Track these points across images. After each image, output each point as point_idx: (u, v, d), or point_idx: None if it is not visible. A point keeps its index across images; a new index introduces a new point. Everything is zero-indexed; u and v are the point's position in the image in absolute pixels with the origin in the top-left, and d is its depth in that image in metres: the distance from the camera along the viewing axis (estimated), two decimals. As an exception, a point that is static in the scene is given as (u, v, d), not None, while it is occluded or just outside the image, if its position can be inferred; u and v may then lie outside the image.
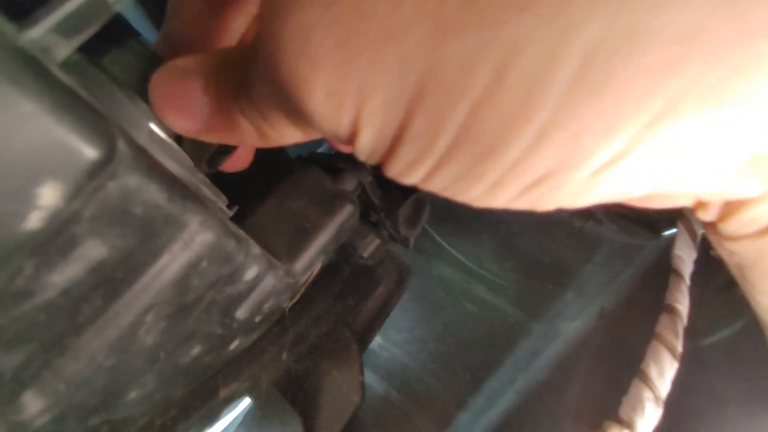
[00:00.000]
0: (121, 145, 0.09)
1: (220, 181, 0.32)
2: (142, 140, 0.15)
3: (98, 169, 0.09)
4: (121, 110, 0.14)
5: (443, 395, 0.34)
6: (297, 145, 0.39)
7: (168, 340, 0.15)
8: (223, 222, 0.15)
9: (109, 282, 0.11)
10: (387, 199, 0.28)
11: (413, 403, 0.34)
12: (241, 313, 0.20)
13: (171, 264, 0.13)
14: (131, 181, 0.10)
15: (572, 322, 0.32)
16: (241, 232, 0.18)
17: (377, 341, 0.39)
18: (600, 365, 0.26)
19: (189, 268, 0.14)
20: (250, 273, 0.19)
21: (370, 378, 0.37)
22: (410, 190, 0.29)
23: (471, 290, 0.39)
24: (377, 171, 0.31)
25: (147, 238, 0.12)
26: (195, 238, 0.13)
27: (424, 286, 0.41)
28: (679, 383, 0.19)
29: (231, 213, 0.25)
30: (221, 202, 0.23)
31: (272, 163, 0.29)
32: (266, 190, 0.27)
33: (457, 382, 0.35)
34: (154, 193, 0.11)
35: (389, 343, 0.38)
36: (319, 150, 0.42)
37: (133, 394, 0.15)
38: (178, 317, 0.15)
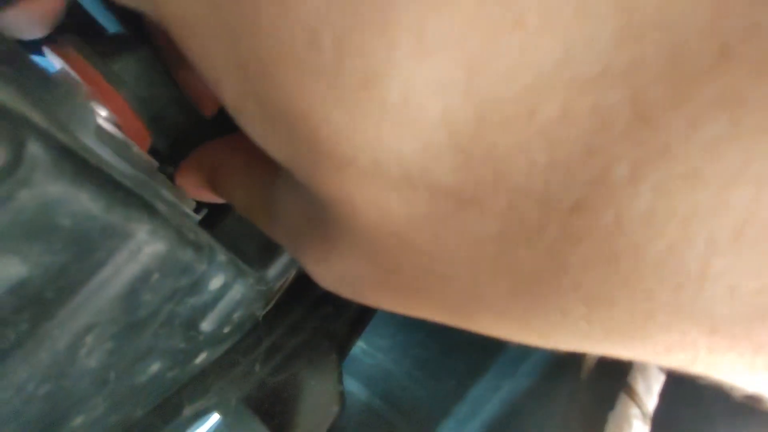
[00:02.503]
0: (34, 149, 0.08)
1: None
2: (88, 139, 0.14)
3: None
4: (62, 106, 0.13)
5: (427, 403, 0.34)
6: None
7: (118, 360, 0.14)
8: (178, 230, 0.14)
9: (37, 303, 0.10)
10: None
11: (396, 410, 0.34)
12: (207, 325, 0.18)
13: (113, 279, 0.11)
14: (52, 189, 0.09)
15: (559, 326, 0.31)
16: (204, 239, 0.16)
17: (360, 346, 0.38)
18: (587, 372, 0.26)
19: (137, 283, 0.12)
20: (216, 282, 0.18)
21: (353, 385, 0.36)
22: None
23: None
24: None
25: (81, 252, 0.10)
26: (143, 250, 0.12)
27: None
28: (665, 394, 0.19)
29: (199, 217, 0.23)
30: (187, 205, 0.22)
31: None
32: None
33: (441, 389, 0.34)
34: (85, 203, 0.10)
35: (372, 349, 0.37)
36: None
37: (78, 420, 0.13)
38: (128, 335, 0.13)
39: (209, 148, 0.15)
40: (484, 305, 0.08)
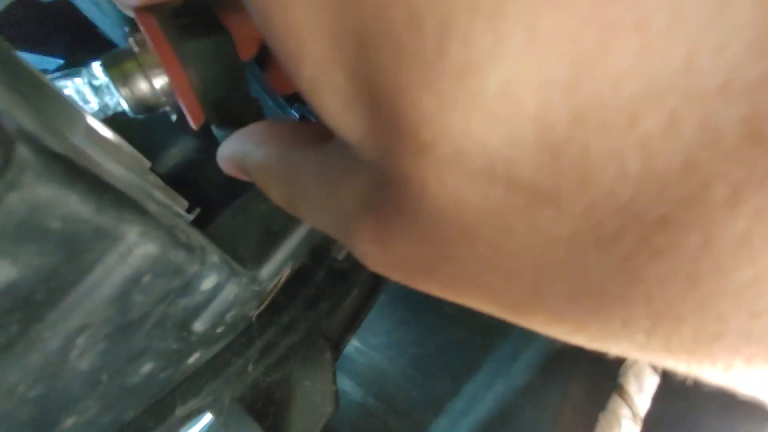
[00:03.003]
0: (23, 151, 0.08)
1: (184, 182, 0.31)
2: (77, 140, 0.14)
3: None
4: (53, 108, 0.13)
5: (421, 401, 0.34)
6: None
7: (110, 362, 0.14)
8: (170, 231, 0.14)
9: (27, 305, 0.10)
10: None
11: (391, 409, 0.34)
12: (199, 326, 0.18)
13: (105, 281, 0.11)
14: (41, 192, 0.09)
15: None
16: (196, 240, 0.16)
17: (355, 345, 0.38)
18: (580, 370, 0.26)
19: (129, 284, 0.12)
20: (208, 283, 0.18)
21: (347, 384, 0.36)
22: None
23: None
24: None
25: (72, 254, 0.10)
26: (134, 252, 0.12)
27: (404, 289, 0.40)
28: (656, 391, 0.19)
29: (191, 217, 0.23)
30: (179, 206, 0.22)
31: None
32: (232, 193, 0.26)
33: (436, 387, 0.34)
34: (75, 205, 0.10)
35: (367, 347, 0.37)
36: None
37: (70, 422, 0.13)
38: (120, 336, 0.13)
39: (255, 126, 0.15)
40: (542, 304, 0.08)
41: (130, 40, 0.15)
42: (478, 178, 0.07)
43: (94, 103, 0.18)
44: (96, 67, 0.17)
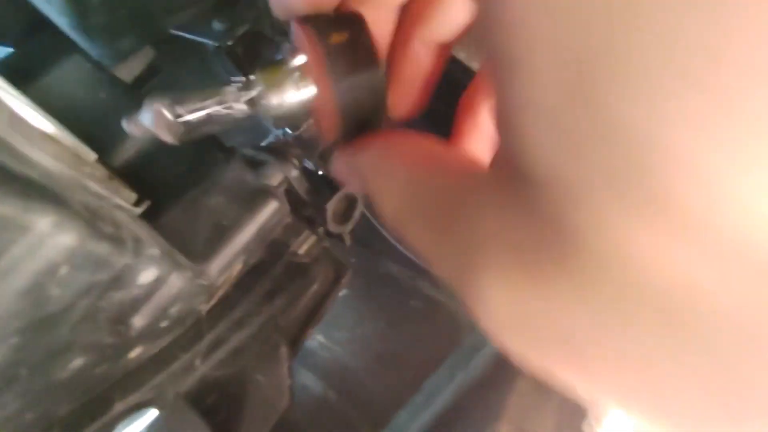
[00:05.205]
0: None
1: (139, 174, 0.30)
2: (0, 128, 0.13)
3: None
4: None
5: (383, 395, 0.34)
6: (243, 137, 0.37)
7: (28, 356, 0.13)
8: (90, 223, 0.13)
9: None
10: (315, 194, 0.26)
11: (352, 403, 0.34)
12: (138, 320, 0.18)
13: (12, 273, 0.11)
14: None
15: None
16: (126, 233, 0.16)
17: (318, 340, 0.38)
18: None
19: (42, 277, 0.12)
20: (146, 276, 0.17)
21: (309, 379, 0.36)
22: (338, 185, 0.28)
23: (417, 287, 0.38)
24: (304, 164, 0.29)
25: (-32, 244, 0.10)
26: (45, 243, 0.12)
27: (370, 284, 0.40)
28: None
29: (139, 210, 0.23)
30: (123, 198, 0.21)
31: (196, 156, 0.27)
32: (185, 186, 0.25)
33: (399, 381, 0.34)
34: (-35, 193, 0.09)
35: (331, 342, 0.37)
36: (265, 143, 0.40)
37: (-13, 418, 0.13)
38: (38, 330, 0.13)
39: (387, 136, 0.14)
40: None
41: (286, 47, 0.14)
42: (728, 263, 0.06)
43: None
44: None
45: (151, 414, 0.19)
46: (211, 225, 0.23)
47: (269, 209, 0.24)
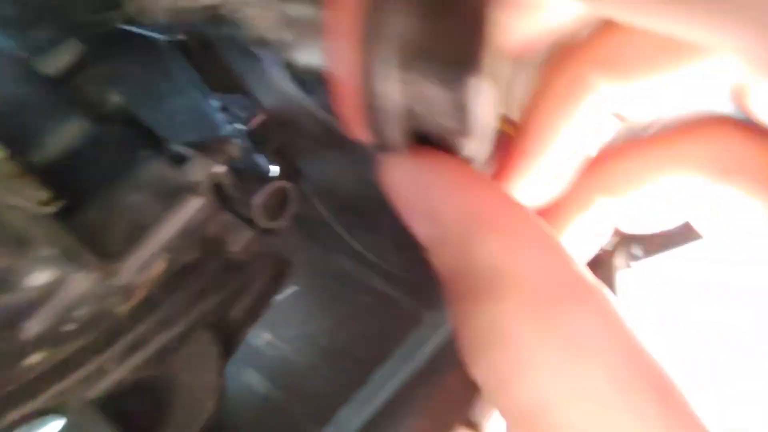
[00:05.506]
0: None
1: (63, 172, 0.29)
2: None
3: None
4: None
5: (328, 392, 0.34)
6: (192, 132, 0.36)
7: None
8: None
9: None
10: (241, 189, 0.26)
11: (296, 401, 0.33)
12: (34, 325, 0.17)
13: None
14: None
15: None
16: (10, 233, 0.15)
17: (265, 338, 0.37)
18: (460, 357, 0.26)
19: None
20: (36, 279, 0.17)
21: (254, 378, 0.35)
22: (267, 179, 0.28)
23: (368, 282, 0.38)
24: (231, 159, 0.29)
25: None
26: None
27: (320, 280, 0.40)
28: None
29: (54, 209, 0.22)
30: (27, 198, 0.20)
31: (121, 154, 0.26)
32: (107, 184, 0.25)
33: (345, 377, 0.34)
34: None
35: (279, 340, 0.36)
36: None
37: None
38: None
39: None
40: None
41: None
42: None
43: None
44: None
45: (54, 421, 0.18)
46: (128, 223, 0.23)
47: (192, 206, 0.24)
